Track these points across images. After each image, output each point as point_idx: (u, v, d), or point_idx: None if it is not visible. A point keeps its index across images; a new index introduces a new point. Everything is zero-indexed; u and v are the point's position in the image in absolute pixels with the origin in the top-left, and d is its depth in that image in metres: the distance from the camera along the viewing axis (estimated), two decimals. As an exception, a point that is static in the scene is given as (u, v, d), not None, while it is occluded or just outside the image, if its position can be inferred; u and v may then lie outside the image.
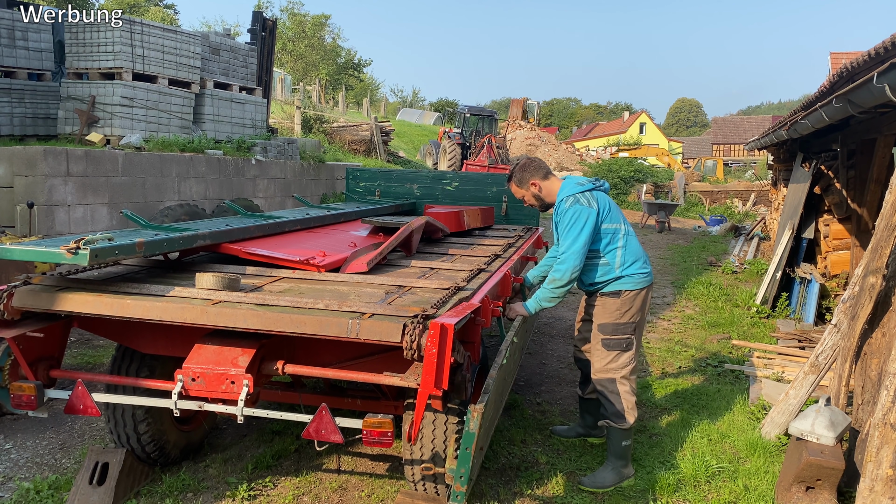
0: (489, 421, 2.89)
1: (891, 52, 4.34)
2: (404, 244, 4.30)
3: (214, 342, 2.84)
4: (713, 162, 34.10)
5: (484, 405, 2.44)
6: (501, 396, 3.22)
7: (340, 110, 29.02)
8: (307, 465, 3.73)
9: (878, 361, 3.56)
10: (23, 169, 6.75)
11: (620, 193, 22.35)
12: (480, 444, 2.72)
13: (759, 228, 13.87)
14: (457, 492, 2.49)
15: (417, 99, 62.12)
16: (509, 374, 3.40)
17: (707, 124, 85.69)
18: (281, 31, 38.39)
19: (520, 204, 6.68)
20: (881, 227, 3.64)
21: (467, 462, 2.44)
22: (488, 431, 2.91)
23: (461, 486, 2.47)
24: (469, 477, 2.48)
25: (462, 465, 2.45)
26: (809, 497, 3.27)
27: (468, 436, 2.41)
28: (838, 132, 6.89)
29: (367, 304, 2.81)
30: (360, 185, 6.95)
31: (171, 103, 9.28)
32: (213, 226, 3.92)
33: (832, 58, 21.72)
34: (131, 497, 3.30)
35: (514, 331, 3.22)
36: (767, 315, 7.39)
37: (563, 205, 3.49)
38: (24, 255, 2.84)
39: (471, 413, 2.39)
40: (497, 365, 2.77)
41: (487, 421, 2.79)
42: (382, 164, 18.16)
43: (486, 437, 3.00)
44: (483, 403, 2.45)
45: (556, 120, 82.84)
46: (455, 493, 2.49)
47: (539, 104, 35.41)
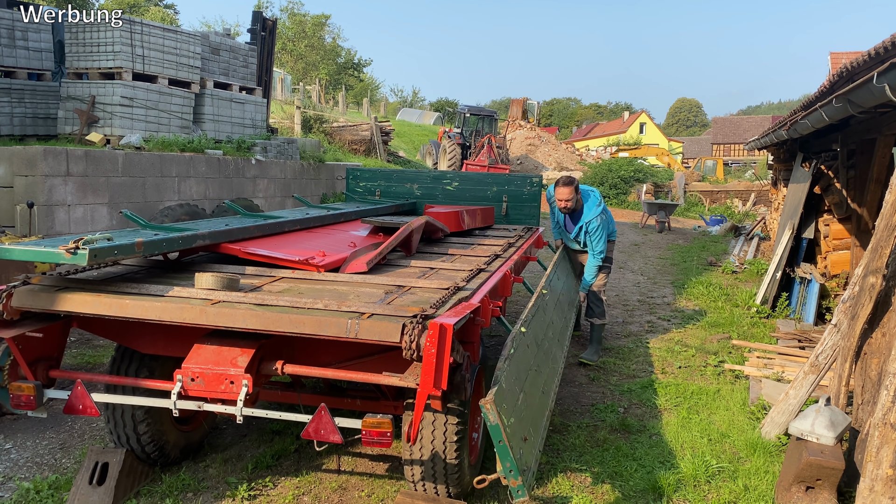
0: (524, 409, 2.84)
1: (891, 52, 4.33)
2: (404, 244, 4.30)
3: (214, 342, 2.84)
4: (713, 162, 34.06)
5: (494, 395, 2.42)
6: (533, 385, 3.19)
7: (340, 110, 29.01)
8: (307, 465, 3.73)
9: (878, 361, 3.56)
10: (23, 169, 6.75)
11: (620, 193, 22.32)
12: (523, 434, 2.66)
13: (759, 228, 13.86)
14: (513, 487, 2.44)
15: (417, 99, 62.12)
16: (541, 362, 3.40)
17: (707, 124, 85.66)
18: (281, 31, 38.39)
19: (520, 204, 6.69)
20: (881, 227, 3.64)
21: (507, 455, 2.40)
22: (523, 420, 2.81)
23: (515, 481, 2.43)
24: (519, 468, 2.43)
25: (504, 459, 2.41)
26: (809, 497, 3.27)
27: (494, 429, 2.38)
28: (838, 132, 6.88)
29: (366, 304, 2.81)
30: (360, 185, 6.94)
31: (171, 103, 9.27)
32: (212, 226, 3.92)
33: (832, 58, 21.70)
34: (131, 497, 3.30)
35: (521, 322, 3.21)
36: (767, 315, 7.38)
37: (593, 223, 5.62)
38: (23, 255, 2.84)
39: (484, 407, 2.38)
40: (504, 357, 2.76)
41: (521, 409, 2.75)
42: (382, 164, 18.16)
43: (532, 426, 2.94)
44: (493, 394, 2.43)
45: (556, 120, 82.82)
46: (513, 489, 2.45)
47: (539, 104, 35.38)
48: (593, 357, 5.72)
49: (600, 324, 5.85)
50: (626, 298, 8.44)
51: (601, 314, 5.84)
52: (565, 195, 5.50)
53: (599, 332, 5.87)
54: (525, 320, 3.30)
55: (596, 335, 5.87)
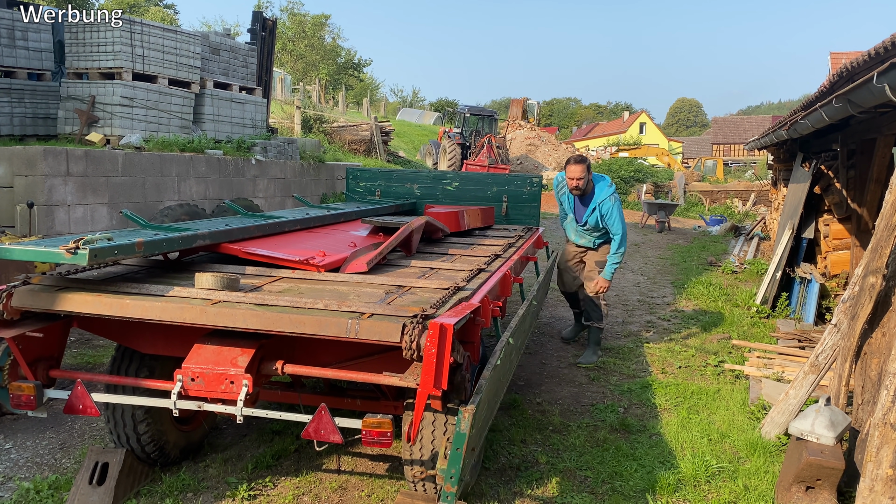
0: (482, 421, 2.88)
1: (891, 52, 4.33)
2: (404, 244, 4.30)
3: (214, 342, 2.84)
4: (713, 162, 34.07)
5: (475, 406, 2.44)
6: (496, 397, 3.22)
7: (340, 110, 29.01)
8: (307, 465, 3.72)
9: (878, 361, 3.56)
10: (23, 169, 6.75)
11: (620, 193, 22.30)
12: (472, 445, 2.71)
13: (759, 228, 13.86)
14: (447, 492, 2.48)
15: (417, 99, 62.11)
16: (504, 374, 3.41)
17: (707, 124, 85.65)
18: (281, 31, 38.38)
19: (520, 204, 6.68)
20: (881, 227, 3.64)
21: (458, 462, 2.43)
22: (481, 432, 2.90)
23: (451, 487, 2.46)
24: (460, 477, 2.47)
25: (452, 465, 2.44)
26: (809, 497, 3.27)
27: (459, 436, 2.40)
28: (838, 132, 6.88)
29: (366, 304, 2.81)
30: (360, 185, 6.94)
31: (171, 103, 9.27)
32: (212, 226, 3.92)
33: (832, 58, 21.70)
34: (131, 497, 3.30)
35: (510, 331, 3.21)
36: (767, 315, 7.38)
37: (607, 202, 5.38)
38: (23, 255, 2.84)
39: (461, 414, 2.39)
40: (490, 365, 2.77)
41: (480, 421, 2.78)
42: (382, 164, 18.16)
43: (480, 437, 3.00)
44: (475, 404, 2.44)
45: (556, 120, 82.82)
46: (445, 494, 2.48)
47: (539, 104, 35.37)
48: (591, 359, 5.72)
49: (597, 327, 5.82)
50: (626, 298, 8.44)
51: (598, 318, 5.79)
52: (577, 173, 5.28)
53: (597, 335, 5.85)
54: (513, 329, 3.30)
55: (593, 338, 5.85)
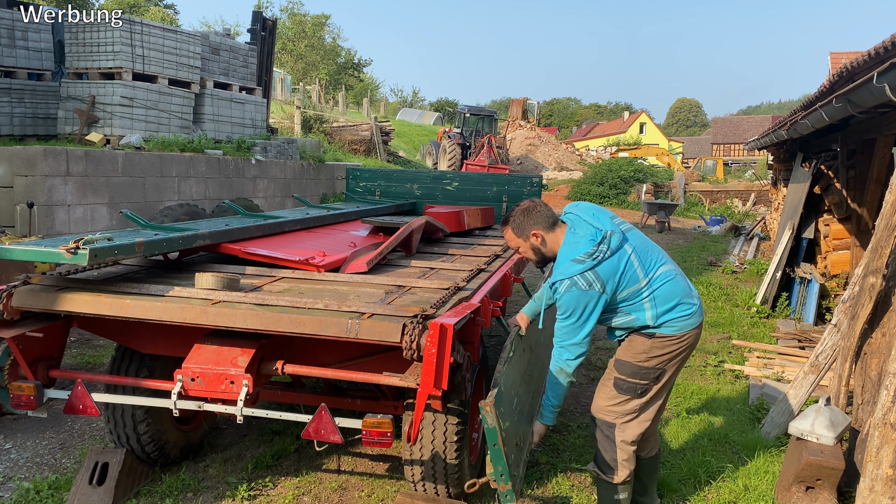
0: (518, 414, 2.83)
1: (891, 52, 4.33)
2: (404, 244, 4.30)
3: (214, 342, 2.84)
4: (713, 162, 34.07)
5: (494, 398, 2.42)
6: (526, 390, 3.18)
7: (340, 110, 29.01)
8: (307, 465, 3.72)
9: (878, 361, 3.56)
10: (23, 169, 6.74)
11: (620, 193, 22.31)
12: (515, 440, 2.66)
13: (759, 228, 13.86)
14: (502, 492, 2.43)
15: (417, 99, 62.07)
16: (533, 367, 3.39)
17: (707, 124, 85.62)
18: (281, 31, 38.37)
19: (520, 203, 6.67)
20: (881, 227, 3.64)
21: (501, 459, 2.39)
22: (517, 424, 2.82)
23: (504, 485, 2.42)
24: (511, 473, 2.43)
25: (496, 462, 2.40)
26: (809, 497, 3.27)
27: (490, 432, 2.37)
28: (838, 132, 6.88)
29: (366, 304, 2.81)
30: (360, 185, 6.94)
31: (171, 103, 9.27)
32: (212, 226, 3.92)
33: (832, 58, 21.69)
34: (131, 497, 3.30)
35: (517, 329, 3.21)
36: (767, 315, 7.38)
37: (557, 288, 2.72)
38: (23, 255, 2.84)
39: (483, 409, 2.37)
40: (503, 360, 2.76)
41: (514, 414, 2.74)
42: (382, 164, 18.16)
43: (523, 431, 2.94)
44: (493, 397, 2.43)
45: (556, 120, 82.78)
46: (502, 494, 2.44)
47: (539, 104, 35.42)
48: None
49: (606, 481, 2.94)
50: (626, 298, 8.43)
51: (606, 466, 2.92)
52: (508, 240, 3.00)
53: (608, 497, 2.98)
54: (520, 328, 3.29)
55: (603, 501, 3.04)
